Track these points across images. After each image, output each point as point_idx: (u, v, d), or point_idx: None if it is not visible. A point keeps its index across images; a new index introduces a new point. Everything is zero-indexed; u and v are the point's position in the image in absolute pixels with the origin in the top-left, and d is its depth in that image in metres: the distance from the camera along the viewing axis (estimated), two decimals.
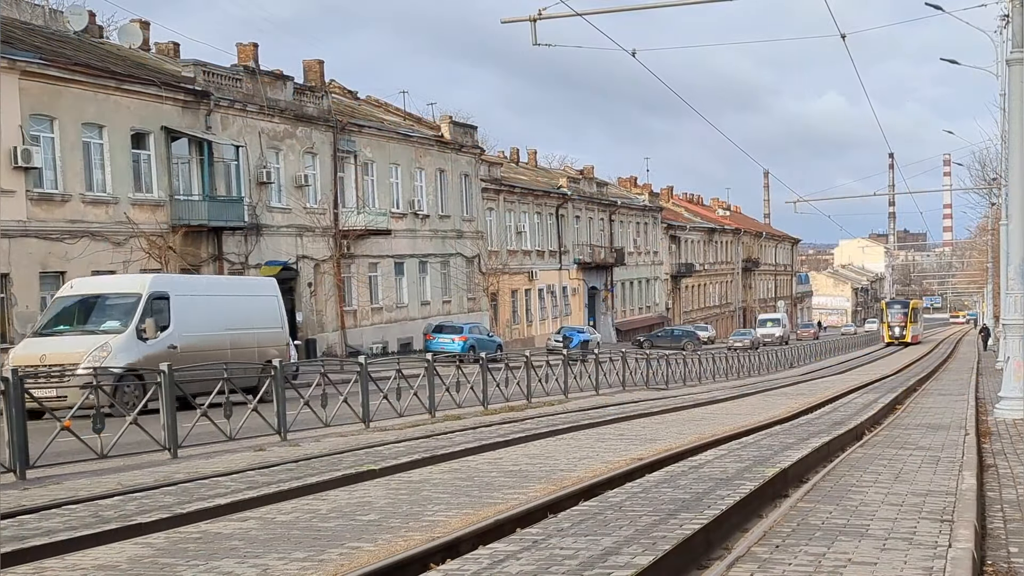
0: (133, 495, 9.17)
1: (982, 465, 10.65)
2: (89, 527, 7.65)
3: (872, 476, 9.35)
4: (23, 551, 6.81)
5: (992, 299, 58.72)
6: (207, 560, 6.44)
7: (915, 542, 6.45)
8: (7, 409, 10.77)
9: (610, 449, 12.17)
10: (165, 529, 7.57)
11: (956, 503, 7.84)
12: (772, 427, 14.87)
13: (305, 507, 8.35)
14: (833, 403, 19.91)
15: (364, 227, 43.11)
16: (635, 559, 6.08)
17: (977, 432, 13.75)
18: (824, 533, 6.72)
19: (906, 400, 21.07)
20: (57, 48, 32.03)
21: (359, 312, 44.29)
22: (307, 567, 6.24)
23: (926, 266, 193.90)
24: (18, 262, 28.77)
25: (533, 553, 6.26)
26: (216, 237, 35.89)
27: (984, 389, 24.17)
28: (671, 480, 9.28)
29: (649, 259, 78.87)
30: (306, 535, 7.19)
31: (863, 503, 7.88)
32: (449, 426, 15.10)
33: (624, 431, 14.28)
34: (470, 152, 53.68)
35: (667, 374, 32.89)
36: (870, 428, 14.99)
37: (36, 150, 28.96)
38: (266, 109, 38.74)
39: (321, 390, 16.02)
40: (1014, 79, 15.98)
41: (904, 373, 34.92)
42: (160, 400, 12.76)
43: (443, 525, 7.41)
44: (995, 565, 6.51)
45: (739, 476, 9.45)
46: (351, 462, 11.08)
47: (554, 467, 10.59)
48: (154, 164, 33.79)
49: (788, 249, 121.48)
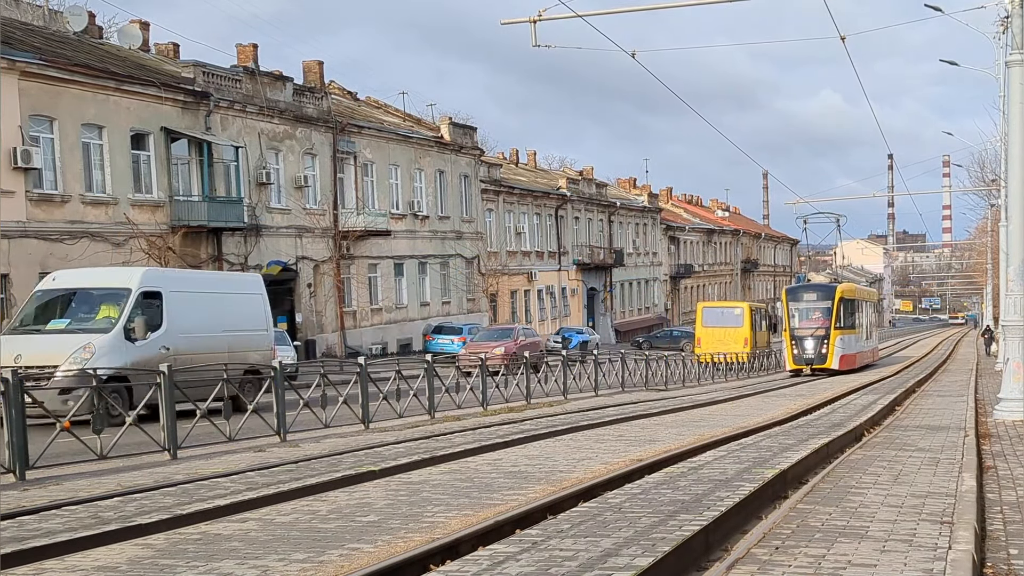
0: (133, 496, 9.17)
1: (982, 467, 10.65)
2: (89, 528, 7.65)
3: (872, 478, 9.35)
4: (23, 552, 6.81)
5: (992, 300, 58.71)
6: (207, 561, 6.45)
7: (915, 544, 6.45)
8: (7, 410, 10.77)
9: (609, 450, 12.18)
10: (165, 530, 7.57)
11: (956, 505, 7.84)
12: (771, 428, 14.88)
13: (305, 508, 8.35)
14: (832, 404, 19.92)
15: (364, 228, 43.11)
16: (635, 560, 6.08)
17: (977, 434, 13.76)
18: (824, 535, 6.72)
19: (905, 401, 21.09)
20: (57, 49, 32.02)
21: (359, 313, 44.29)
22: (307, 568, 6.24)
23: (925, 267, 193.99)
24: (18, 263, 28.76)
25: (533, 554, 6.27)
26: (216, 238, 35.89)
27: (983, 390, 24.18)
28: (670, 481, 9.29)
29: (648, 260, 78.87)
30: (306, 536, 7.19)
31: (863, 505, 7.88)
32: (449, 427, 15.10)
33: (623, 432, 14.28)
34: (470, 153, 53.68)
35: (666, 375, 32.91)
36: (869, 429, 14.99)
37: (36, 151, 28.96)
38: (266, 110, 38.75)
39: (321, 391, 16.02)
40: (1014, 81, 15.99)
41: (903, 375, 34.94)
42: (160, 401, 12.75)
43: (443, 526, 7.42)
44: (995, 567, 6.51)
45: (738, 477, 9.45)
46: (351, 463, 11.08)
47: (553, 468, 10.59)
48: (154, 165, 33.79)
49: (787, 250, 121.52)
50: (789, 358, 37.36)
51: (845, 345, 37.06)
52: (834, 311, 36.51)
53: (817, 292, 38.14)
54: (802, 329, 36.82)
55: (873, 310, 45.77)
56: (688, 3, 21.55)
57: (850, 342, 37.80)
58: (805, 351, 36.66)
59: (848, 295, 38.17)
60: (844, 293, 37.64)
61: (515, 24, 20.45)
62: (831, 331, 36.35)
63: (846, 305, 37.45)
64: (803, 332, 36.78)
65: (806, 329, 36.72)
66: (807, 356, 36.57)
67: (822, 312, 36.78)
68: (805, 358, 36.67)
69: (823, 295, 37.44)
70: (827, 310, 36.70)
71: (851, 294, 39.03)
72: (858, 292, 41.96)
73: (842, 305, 36.98)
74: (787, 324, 37.29)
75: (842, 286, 38.66)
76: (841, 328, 36.71)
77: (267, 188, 38.82)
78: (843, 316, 36.99)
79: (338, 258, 42.13)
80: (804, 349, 36.70)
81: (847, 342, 37.31)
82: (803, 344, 36.78)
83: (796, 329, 36.94)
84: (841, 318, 36.77)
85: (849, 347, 37.61)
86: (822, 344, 36.36)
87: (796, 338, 36.96)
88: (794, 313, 37.35)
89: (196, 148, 35.42)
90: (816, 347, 36.42)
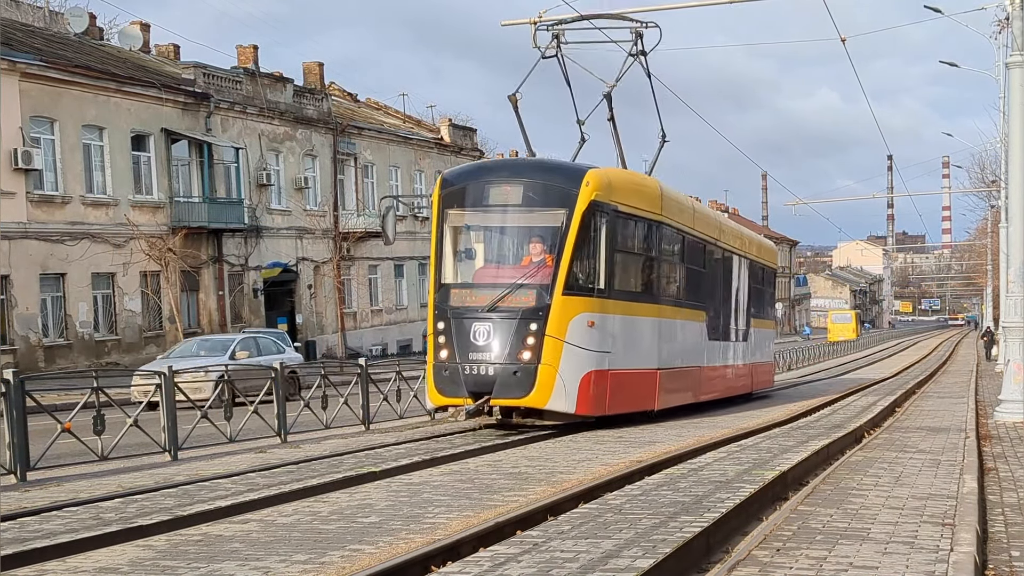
0: (134, 497, 9.16)
1: (983, 468, 10.65)
2: (90, 529, 7.64)
3: (872, 479, 9.35)
4: (24, 553, 6.81)
5: (992, 302, 58.69)
6: (208, 562, 6.44)
7: (916, 546, 6.45)
8: (8, 411, 10.76)
9: (609, 451, 12.17)
10: (166, 531, 7.57)
11: (957, 507, 7.84)
12: (771, 430, 14.87)
13: (306, 509, 8.34)
14: (832, 405, 19.90)
15: (364, 229, 43.12)
16: (635, 562, 6.08)
17: (978, 435, 13.76)
18: (825, 537, 6.71)
19: (905, 403, 21.08)
20: (57, 50, 32.05)
21: (359, 314, 44.31)
22: (308, 569, 6.24)
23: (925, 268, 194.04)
24: (18, 264, 28.78)
25: (533, 555, 6.27)
26: (216, 239, 35.92)
27: (984, 392, 24.17)
28: (671, 483, 9.28)
29: None
30: (307, 537, 7.19)
31: (864, 506, 7.88)
32: (449, 428, 15.09)
33: (623, 434, 14.27)
34: (470, 154, 53.68)
35: None
36: (870, 431, 14.99)
37: (36, 152, 28.99)
38: (266, 111, 38.77)
39: (321, 392, 16.02)
40: (1014, 82, 16.01)
41: (903, 375, 34.93)
42: (160, 401, 12.74)
43: (444, 527, 7.41)
44: (997, 569, 6.51)
45: (739, 479, 9.45)
46: (352, 464, 11.08)
47: (553, 469, 10.58)
48: (154, 166, 33.82)
49: (786, 251, 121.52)
50: (430, 381, 14.35)
51: (602, 342, 14.31)
52: (570, 239, 13.93)
53: (522, 184, 14.50)
54: (470, 293, 14.35)
55: (748, 272, 22.08)
56: (688, 3, 21.54)
57: (625, 341, 15.03)
58: (469, 360, 13.87)
59: (623, 200, 14.85)
60: (606, 190, 14.39)
61: (515, 25, 20.45)
62: (554, 297, 13.80)
63: (617, 225, 14.73)
64: (472, 301, 14.15)
65: (480, 293, 14.22)
66: (475, 374, 13.84)
67: (535, 240, 14.31)
68: (469, 377, 13.84)
69: (539, 193, 14.40)
70: (550, 236, 14.19)
71: (635, 199, 15.30)
72: (670, 204, 16.66)
73: (602, 224, 14.36)
74: (433, 279, 14.65)
75: (602, 172, 14.71)
76: (594, 293, 14.32)
77: (267, 189, 38.83)
78: (606, 258, 14.41)
79: (338, 259, 42.14)
80: (467, 355, 13.89)
81: (608, 337, 14.51)
82: (467, 341, 13.93)
83: (456, 292, 14.41)
84: (598, 262, 14.36)
85: (623, 353, 14.91)
86: (522, 339, 13.77)
87: (452, 326, 14.09)
88: (465, 249, 14.94)
89: (196, 149, 35.44)
90: (506, 347, 13.83)
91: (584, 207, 14.09)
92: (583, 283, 14.25)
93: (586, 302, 14.18)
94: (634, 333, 15.39)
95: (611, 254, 14.58)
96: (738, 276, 21.54)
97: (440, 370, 14.12)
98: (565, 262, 13.93)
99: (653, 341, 15.98)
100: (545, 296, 13.85)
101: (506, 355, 13.72)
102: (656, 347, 16.07)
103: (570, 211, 14.05)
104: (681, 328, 17.48)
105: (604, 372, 14.37)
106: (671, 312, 16.87)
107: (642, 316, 15.63)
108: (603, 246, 14.44)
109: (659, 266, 16.43)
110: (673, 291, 17.29)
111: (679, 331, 17.38)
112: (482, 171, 15.83)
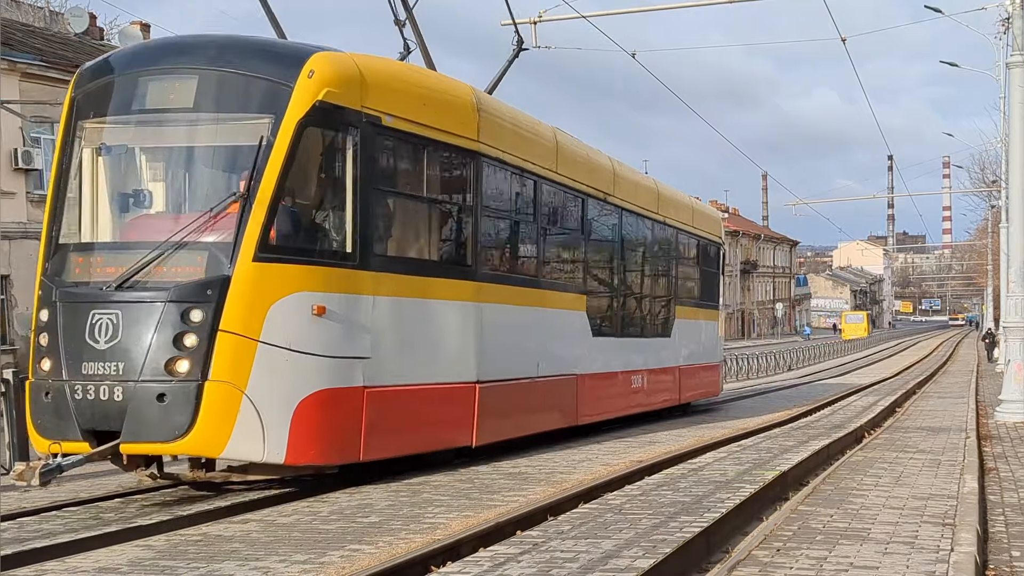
0: (133, 497, 9.17)
1: (983, 468, 10.65)
2: (90, 529, 7.65)
3: (873, 479, 9.35)
4: (23, 553, 6.81)
5: (992, 302, 58.68)
6: (208, 563, 6.44)
7: (917, 546, 6.45)
8: (8, 411, 10.76)
9: (609, 451, 12.17)
10: (166, 531, 7.57)
11: (958, 507, 7.84)
12: (771, 430, 14.88)
13: (306, 509, 8.34)
14: (832, 406, 19.90)
15: None
16: (636, 562, 6.08)
17: (978, 435, 13.77)
18: (825, 537, 6.71)
19: (906, 403, 21.08)
20: (58, 50, 32.02)
21: None
22: (308, 569, 6.23)
23: (925, 269, 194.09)
24: (18, 264, 28.76)
25: (534, 555, 6.27)
26: None
27: (984, 392, 24.16)
28: (671, 483, 9.29)
29: None
30: (307, 537, 7.18)
31: (864, 507, 7.88)
32: None
33: (622, 434, 14.27)
34: None
35: None
36: (870, 431, 15.00)
37: (36, 152, 28.98)
38: None
39: None
40: (1014, 82, 16.02)
41: (904, 375, 34.93)
42: None
43: (443, 527, 7.41)
44: (997, 569, 6.51)
45: (739, 479, 9.46)
46: None
47: (553, 469, 10.58)
48: None
49: (787, 251, 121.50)
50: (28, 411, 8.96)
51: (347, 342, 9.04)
52: (272, 168, 8.57)
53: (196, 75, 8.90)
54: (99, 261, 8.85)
55: (675, 246, 18.16)
56: (689, 3, 21.55)
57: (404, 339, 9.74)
58: (82, 376, 8.31)
59: (395, 109, 9.51)
60: (352, 88, 9.08)
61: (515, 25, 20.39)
62: (237, 263, 8.40)
63: (382, 148, 9.57)
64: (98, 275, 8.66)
65: (115, 260, 8.69)
66: (92, 399, 8.24)
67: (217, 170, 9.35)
68: (84, 405, 8.26)
69: (226, 89, 9.01)
70: (242, 161, 8.92)
71: (422, 110, 9.93)
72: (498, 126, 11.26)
73: (346, 144, 9.10)
74: (46, 236, 9.13)
75: (347, 58, 9.29)
76: (329, 259, 9.07)
77: None
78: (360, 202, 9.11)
79: None
80: (80, 367, 8.30)
81: (363, 333, 9.20)
82: (81, 342, 8.31)
83: (76, 259, 8.96)
84: (343, 209, 9.12)
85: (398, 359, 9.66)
86: (174, 337, 8.25)
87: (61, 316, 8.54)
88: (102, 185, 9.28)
89: None
90: (143, 352, 8.21)
91: (303, 112, 8.76)
92: (302, 242, 9.06)
93: (308, 274, 8.83)
94: (425, 327, 10.03)
95: (370, 196, 9.25)
96: (653, 250, 16.99)
97: (39, 392, 8.75)
98: (262, 206, 8.53)
99: (467, 339, 10.58)
100: (222, 262, 8.48)
101: (144, 366, 8.23)
102: (473, 348, 10.65)
103: (277, 118, 8.72)
104: (533, 319, 12.18)
105: (353, 391, 9.07)
106: (510, 295, 11.58)
107: (444, 299, 10.33)
108: (350, 181, 9.09)
109: (481, 223, 10.95)
110: (514, 264, 12.13)
111: (528, 324, 12.06)
112: (138, 57, 9.73)
